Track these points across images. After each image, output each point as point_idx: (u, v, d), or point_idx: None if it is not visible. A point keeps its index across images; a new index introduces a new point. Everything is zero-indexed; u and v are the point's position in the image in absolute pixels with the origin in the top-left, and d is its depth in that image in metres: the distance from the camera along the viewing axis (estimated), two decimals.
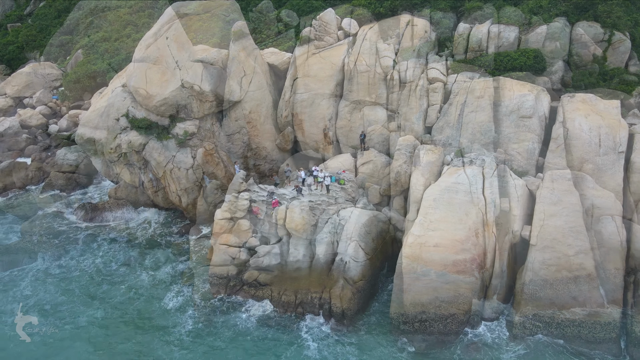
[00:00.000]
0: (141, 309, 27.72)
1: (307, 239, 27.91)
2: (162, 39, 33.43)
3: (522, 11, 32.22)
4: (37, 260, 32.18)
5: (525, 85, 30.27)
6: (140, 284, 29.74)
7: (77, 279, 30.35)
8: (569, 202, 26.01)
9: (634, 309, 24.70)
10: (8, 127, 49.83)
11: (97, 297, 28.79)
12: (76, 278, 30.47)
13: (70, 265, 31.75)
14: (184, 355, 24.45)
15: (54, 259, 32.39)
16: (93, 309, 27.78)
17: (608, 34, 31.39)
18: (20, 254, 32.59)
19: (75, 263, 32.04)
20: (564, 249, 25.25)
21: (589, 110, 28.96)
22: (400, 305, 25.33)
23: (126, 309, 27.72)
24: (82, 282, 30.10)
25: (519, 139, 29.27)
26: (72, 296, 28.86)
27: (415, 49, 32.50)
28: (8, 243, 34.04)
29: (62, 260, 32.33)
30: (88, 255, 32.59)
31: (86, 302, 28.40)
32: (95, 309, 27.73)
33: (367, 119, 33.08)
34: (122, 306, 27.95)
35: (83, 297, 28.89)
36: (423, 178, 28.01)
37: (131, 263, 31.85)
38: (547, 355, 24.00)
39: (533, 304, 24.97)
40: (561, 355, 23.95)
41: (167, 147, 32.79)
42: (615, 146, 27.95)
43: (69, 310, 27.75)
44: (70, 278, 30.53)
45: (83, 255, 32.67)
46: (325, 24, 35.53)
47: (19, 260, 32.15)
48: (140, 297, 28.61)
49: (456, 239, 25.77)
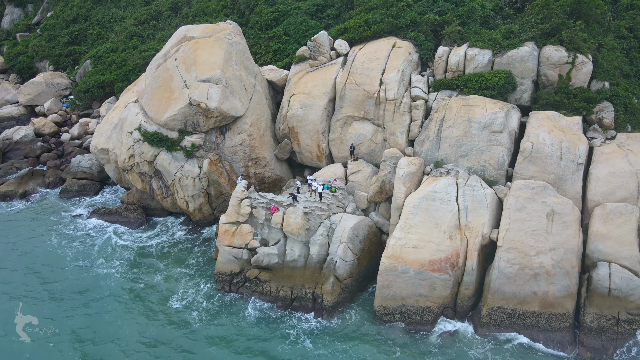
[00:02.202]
0: (151, 304, 31.03)
1: (302, 240, 31.44)
2: (171, 60, 36.91)
3: (495, 36, 35.78)
4: (55, 261, 35.24)
5: (497, 103, 33.87)
6: (149, 282, 32.95)
7: (91, 278, 33.40)
8: (531, 208, 29.61)
9: (587, 302, 28.27)
10: (23, 135, 53.26)
11: (110, 293, 31.88)
12: (90, 277, 33.53)
13: (85, 266, 34.87)
14: (193, 343, 27.83)
15: (72, 260, 35.54)
16: (105, 304, 30.91)
17: (572, 56, 34.86)
18: (40, 255, 35.83)
19: (89, 263, 35.16)
20: (526, 249, 28.83)
21: (552, 126, 32.64)
22: (383, 299, 28.94)
23: (137, 303, 30.97)
24: (94, 280, 33.17)
25: (491, 151, 32.86)
26: (85, 292, 32.01)
27: (400, 70, 36.01)
28: (29, 245, 37.26)
29: (79, 261, 35.48)
30: (101, 256, 35.73)
31: (99, 297, 31.55)
32: (107, 304, 30.89)
33: (357, 133, 36.66)
34: (134, 300, 31.24)
35: (95, 292, 32.00)
36: (404, 187, 31.61)
37: (142, 263, 35.19)
38: (509, 342, 27.59)
39: (498, 298, 28.58)
40: (521, 343, 27.54)
41: (176, 158, 36.26)
42: (574, 158, 31.63)
43: (83, 304, 30.91)
44: (84, 277, 33.58)
45: (97, 256, 35.78)
46: (319, 45, 39.12)
47: (39, 261, 35.39)
48: (150, 294, 31.85)
49: (432, 241, 29.38)
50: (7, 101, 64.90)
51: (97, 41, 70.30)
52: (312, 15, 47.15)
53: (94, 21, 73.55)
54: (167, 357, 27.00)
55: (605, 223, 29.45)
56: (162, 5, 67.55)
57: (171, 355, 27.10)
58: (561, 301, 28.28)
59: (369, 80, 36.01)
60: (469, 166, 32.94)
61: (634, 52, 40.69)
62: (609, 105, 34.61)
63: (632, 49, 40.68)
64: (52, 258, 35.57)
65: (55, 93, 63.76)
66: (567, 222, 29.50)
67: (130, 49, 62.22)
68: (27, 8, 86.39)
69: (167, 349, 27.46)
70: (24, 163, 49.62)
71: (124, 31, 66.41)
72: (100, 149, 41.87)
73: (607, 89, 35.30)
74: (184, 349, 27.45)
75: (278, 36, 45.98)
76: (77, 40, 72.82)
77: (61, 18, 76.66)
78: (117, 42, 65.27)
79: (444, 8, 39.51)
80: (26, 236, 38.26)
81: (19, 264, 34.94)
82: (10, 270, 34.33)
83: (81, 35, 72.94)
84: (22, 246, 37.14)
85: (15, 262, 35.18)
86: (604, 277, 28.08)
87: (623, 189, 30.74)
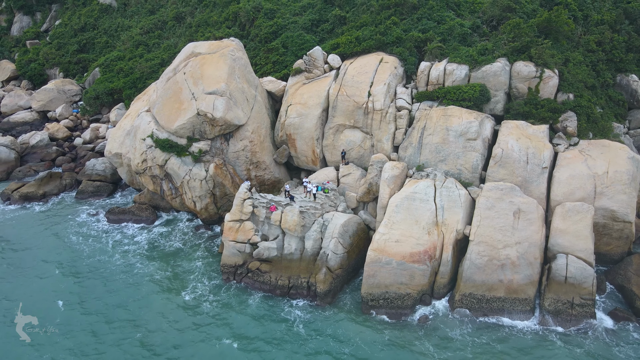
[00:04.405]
0: (165, 293, 34.89)
1: (298, 236, 35.44)
2: (180, 74, 40.86)
3: (471, 53, 39.82)
4: (74, 257, 38.78)
5: (472, 113, 37.91)
6: (163, 274, 36.73)
7: (107, 274, 36.85)
8: (500, 207, 33.67)
9: (546, 288, 32.34)
10: (39, 139, 57.14)
11: (127, 284, 35.66)
12: (106, 273, 37.01)
13: (102, 261, 38.56)
14: (203, 327, 31.77)
15: (89, 256, 39.20)
16: (119, 296, 34.35)
17: (540, 71, 38.90)
18: (60, 252, 39.59)
19: (106, 258, 38.86)
20: (494, 243, 32.88)
21: (520, 134, 36.72)
22: (369, 286, 32.94)
23: (153, 293, 34.82)
24: (111, 274, 36.70)
25: (466, 156, 36.89)
26: (103, 285, 35.63)
27: (386, 83, 40.00)
28: (51, 242, 41.12)
29: (96, 257, 39.11)
30: (116, 252, 39.43)
31: (114, 291, 35.13)
32: (126, 294, 34.50)
33: (347, 139, 40.68)
34: (150, 291, 35.11)
35: (114, 284, 35.65)
36: (389, 188, 35.66)
37: (154, 257, 39.07)
38: (478, 323, 31.67)
39: (470, 285, 32.63)
40: (488, 324, 31.62)
41: (184, 162, 40.22)
42: (539, 162, 35.70)
43: (102, 296, 34.63)
44: (100, 272, 37.11)
45: (112, 252, 39.49)
46: (314, 59, 43.11)
47: (59, 257, 39.14)
48: (164, 285, 35.64)
49: (413, 236, 33.39)
50: (20, 107, 68.62)
51: (104, 49, 73.93)
52: (308, 29, 51.08)
53: (102, 30, 77.11)
54: (181, 337, 30.89)
55: (564, 220, 33.53)
56: (166, 15, 71.16)
57: (184, 335, 31.01)
58: (524, 288, 32.35)
59: (359, 92, 39.99)
60: (447, 170, 36.98)
61: (601, 64, 44.79)
62: (572, 115, 38.65)
63: (599, 61, 44.76)
64: (70, 254, 39.14)
65: (66, 99, 67.38)
66: (531, 219, 33.54)
67: (137, 58, 65.78)
68: (35, 16, 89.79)
69: (181, 332, 31.35)
70: (41, 166, 53.44)
71: (131, 40, 69.89)
72: (114, 154, 45.80)
73: (572, 100, 39.34)
74: (195, 330, 31.35)
75: (276, 49, 49.84)
76: (85, 49, 76.35)
77: (69, 26, 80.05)
78: (124, 51, 68.81)
79: (427, 26, 43.55)
80: (47, 234, 42.04)
81: (41, 259, 38.58)
82: (35, 265, 38.01)
83: (89, 44, 76.48)
84: (44, 243, 40.80)
85: (38, 257, 38.77)
86: (561, 267, 32.17)
87: (581, 189, 34.83)
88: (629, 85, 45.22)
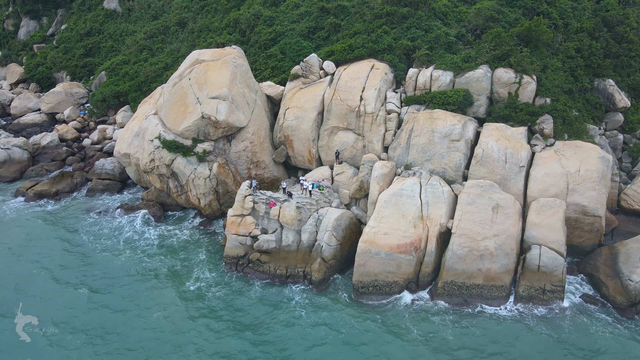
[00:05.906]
0: (174, 283, 37.90)
1: (295, 229, 38.50)
2: (186, 79, 43.90)
3: (455, 60, 42.90)
4: (86, 250, 41.74)
5: (456, 116, 40.99)
6: (170, 265, 39.76)
7: (118, 265, 39.97)
8: (480, 202, 36.74)
9: (521, 276, 35.43)
10: (50, 140, 60.17)
11: (137, 273, 38.69)
12: (117, 264, 40.08)
13: (112, 254, 41.48)
14: (209, 312, 34.77)
15: (100, 251, 42.16)
16: (130, 285, 37.36)
17: (519, 77, 42.00)
18: (74, 245, 42.61)
19: (116, 251, 41.84)
20: (474, 235, 35.94)
21: (499, 136, 39.82)
22: (359, 275, 36.00)
23: (162, 283, 37.86)
24: (121, 267, 39.71)
25: (450, 156, 39.97)
26: (115, 276, 38.60)
27: (377, 88, 43.05)
28: (65, 236, 44.09)
29: (107, 251, 42.12)
30: (126, 246, 42.44)
31: (126, 280, 38.23)
32: (134, 284, 37.52)
33: (341, 140, 43.75)
34: (159, 281, 38.16)
35: (125, 275, 38.70)
36: (378, 185, 38.73)
37: (162, 250, 42.04)
38: (458, 308, 34.74)
39: (451, 273, 35.71)
40: (467, 308, 34.69)
41: (190, 162, 43.26)
42: (517, 162, 38.81)
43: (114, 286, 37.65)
44: (112, 264, 40.15)
45: (123, 246, 42.50)
46: (310, 65, 46.19)
47: (73, 250, 42.17)
48: (172, 275, 38.72)
49: (400, 229, 36.44)
50: (29, 109, 71.61)
51: (110, 53, 76.81)
52: (305, 36, 54.11)
53: (107, 34, 79.98)
54: (189, 322, 33.93)
55: (539, 214, 36.64)
56: (169, 20, 74.00)
57: (191, 319, 34.04)
58: (501, 276, 35.45)
59: (351, 97, 43.05)
60: (432, 168, 40.07)
61: (579, 70, 47.87)
62: (549, 117, 41.75)
63: (578, 67, 47.86)
64: (83, 248, 42.12)
65: (73, 101, 70.30)
66: (508, 213, 36.63)
67: (141, 62, 68.59)
68: (41, 20, 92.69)
69: (189, 317, 34.39)
70: (52, 166, 56.41)
71: (135, 44, 72.71)
72: (123, 154, 48.84)
73: (549, 104, 42.45)
74: (202, 315, 34.38)
75: (275, 54, 52.83)
76: (91, 53, 79.22)
77: (75, 31, 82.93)
78: (129, 55, 71.64)
79: (415, 35, 46.63)
80: (61, 229, 44.99)
81: (56, 252, 41.59)
82: (51, 257, 41.01)
83: (95, 48, 79.33)
84: (59, 237, 43.75)
85: (53, 250, 41.77)
86: (535, 257, 35.29)
87: (555, 186, 37.95)
88: (605, 90, 48.30)
